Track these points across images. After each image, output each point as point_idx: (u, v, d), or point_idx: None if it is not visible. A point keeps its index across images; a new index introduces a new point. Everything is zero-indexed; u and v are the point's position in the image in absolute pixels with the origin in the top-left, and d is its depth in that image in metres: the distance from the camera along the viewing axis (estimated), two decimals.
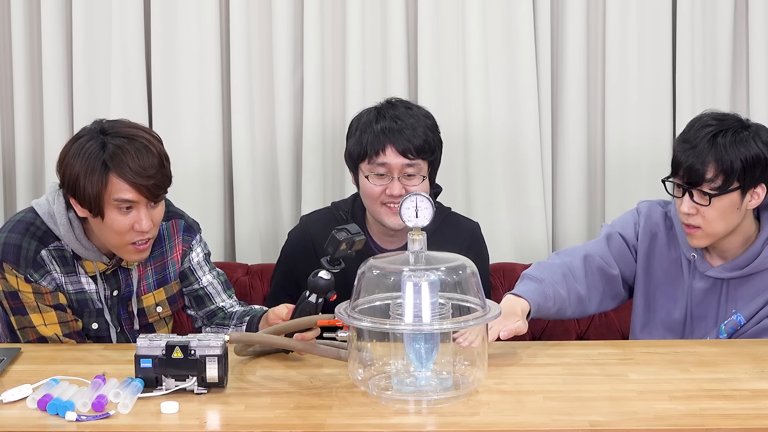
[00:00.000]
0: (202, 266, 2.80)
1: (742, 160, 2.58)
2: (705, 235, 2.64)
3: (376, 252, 2.88)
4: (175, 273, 2.77)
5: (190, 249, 2.79)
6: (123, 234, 2.54)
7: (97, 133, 2.54)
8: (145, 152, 2.51)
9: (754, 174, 2.60)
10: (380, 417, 2.11)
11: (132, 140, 2.52)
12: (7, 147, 3.66)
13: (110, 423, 2.09)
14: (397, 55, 3.54)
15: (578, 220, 3.64)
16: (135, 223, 2.53)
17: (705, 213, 2.61)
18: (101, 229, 2.56)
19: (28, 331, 2.64)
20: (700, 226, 2.63)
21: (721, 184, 2.58)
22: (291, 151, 3.62)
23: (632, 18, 3.54)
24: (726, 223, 2.63)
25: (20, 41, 3.58)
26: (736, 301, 2.71)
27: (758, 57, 3.53)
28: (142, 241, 2.57)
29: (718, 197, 2.59)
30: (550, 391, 2.24)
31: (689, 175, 2.60)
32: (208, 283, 2.80)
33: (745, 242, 2.70)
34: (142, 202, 2.53)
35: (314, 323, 2.44)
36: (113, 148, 2.50)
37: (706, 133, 2.61)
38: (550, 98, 3.60)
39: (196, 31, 3.55)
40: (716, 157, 2.58)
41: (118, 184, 2.50)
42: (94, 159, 2.49)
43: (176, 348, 2.21)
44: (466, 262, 2.23)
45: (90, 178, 2.49)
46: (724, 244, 2.69)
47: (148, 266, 2.73)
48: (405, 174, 2.81)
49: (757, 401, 2.19)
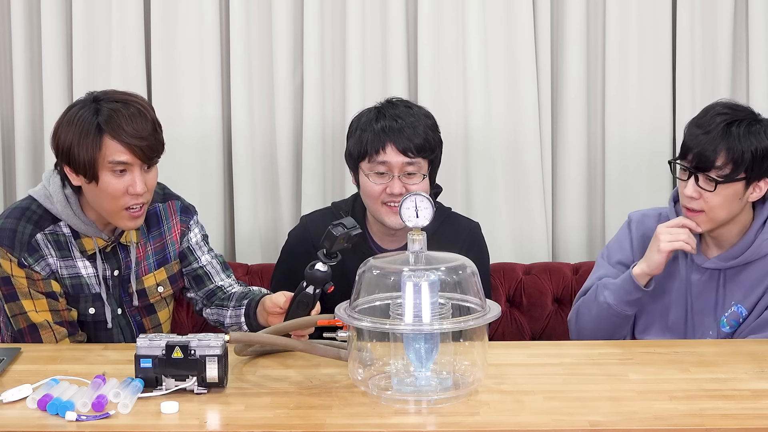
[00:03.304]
0: (201, 246, 2.83)
1: (752, 151, 2.61)
2: (707, 219, 2.67)
3: (376, 252, 2.88)
4: (174, 252, 2.79)
5: (188, 229, 2.82)
6: (118, 198, 2.57)
7: (90, 101, 2.59)
8: (138, 116, 2.56)
9: (762, 167, 2.64)
10: (380, 417, 2.11)
11: (126, 104, 2.57)
12: (7, 146, 3.66)
13: (110, 423, 2.09)
14: (397, 56, 3.54)
15: (578, 221, 3.64)
16: (129, 186, 2.56)
17: (708, 198, 2.64)
18: (96, 195, 2.58)
19: (19, 318, 2.64)
20: (703, 210, 2.66)
21: (729, 173, 2.62)
22: (291, 151, 3.62)
23: (632, 18, 3.54)
24: (727, 211, 2.66)
25: (20, 39, 3.58)
26: (734, 292, 2.73)
27: (758, 56, 3.53)
28: (137, 206, 2.60)
29: (724, 185, 2.62)
30: (550, 391, 2.24)
31: (699, 159, 2.63)
32: (207, 263, 2.82)
33: (740, 231, 2.73)
34: (136, 164, 2.56)
35: (314, 323, 2.44)
36: (108, 111, 2.54)
37: (720, 121, 2.64)
38: (550, 98, 3.60)
39: (196, 31, 3.55)
40: (728, 146, 2.61)
41: (113, 146, 2.53)
42: (89, 123, 2.54)
43: (176, 348, 2.21)
44: (466, 262, 2.23)
45: (84, 141, 2.53)
46: (723, 233, 2.72)
47: (147, 247, 2.75)
48: (405, 173, 2.82)
49: (757, 401, 2.19)
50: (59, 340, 2.64)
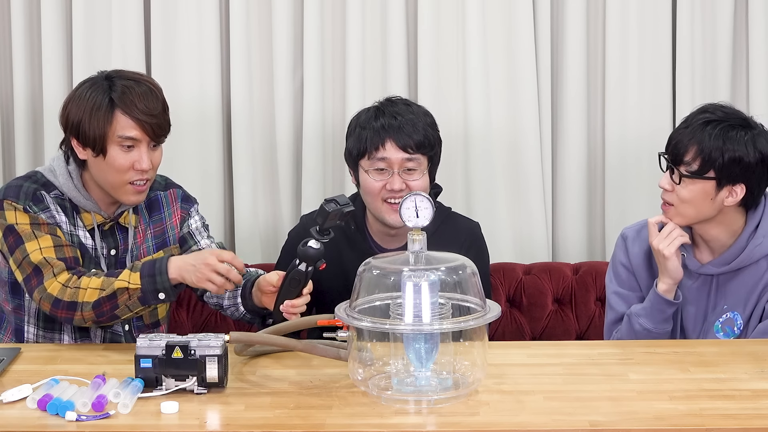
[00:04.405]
0: (201, 232, 2.85)
1: (723, 153, 2.61)
2: (676, 213, 2.69)
3: (376, 252, 2.88)
4: (174, 237, 2.81)
5: (188, 216, 2.84)
6: (123, 172, 2.60)
7: (102, 79, 2.64)
8: (150, 95, 2.62)
9: (733, 171, 2.62)
10: (380, 417, 2.11)
11: (138, 83, 2.64)
12: (7, 138, 3.66)
13: (110, 423, 2.09)
14: (397, 56, 3.54)
15: (578, 220, 3.64)
16: (135, 162, 2.60)
17: (678, 192, 2.67)
18: (101, 169, 2.62)
19: (24, 265, 2.61)
20: (673, 203, 2.68)
21: (696, 169, 2.63)
22: (291, 151, 3.62)
23: (632, 18, 3.54)
24: (696, 210, 2.67)
25: (19, 27, 3.58)
26: (726, 298, 2.73)
27: (758, 57, 3.53)
28: (141, 181, 2.63)
29: (690, 179, 2.64)
30: (550, 391, 2.24)
31: (673, 152, 2.68)
32: (207, 246, 2.83)
33: (732, 236, 2.72)
34: (144, 141, 2.61)
35: (314, 323, 2.44)
36: (121, 87, 2.60)
37: (702, 119, 2.67)
38: (550, 98, 3.60)
39: (196, 31, 3.55)
40: (699, 143, 2.63)
41: (124, 120, 2.58)
42: (102, 98, 2.59)
43: (176, 348, 2.21)
44: (466, 262, 2.23)
45: (96, 115, 2.58)
46: (713, 237, 2.72)
47: (147, 230, 2.77)
48: (405, 169, 2.82)
49: (757, 401, 2.19)
50: (57, 274, 2.57)
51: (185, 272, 2.52)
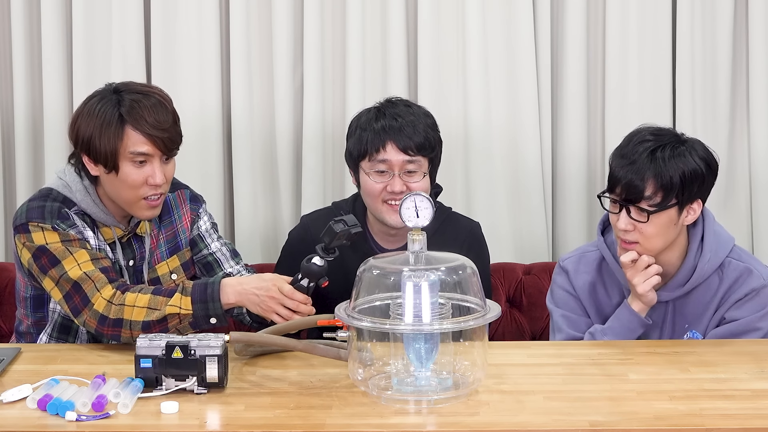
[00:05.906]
0: (210, 234, 2.85)
1: (680, 175, 2.55)
2: (643, 250, 2.61)
3: (376, 252, 2.88)
4: (186, 240, 2.81)
5: (197, 216, 2.84)
6: (137, 188, 2.58)
7: (110, 92, 2.61)
8: (160, 108, 2.59)
9: (692, 189, 2.57)
10: (380, 417, 2.11)
11: (147, 96, 2.59)
12: (6, 142, 3.66)
13: (110, 423, 2.09)
14: (397, 56, 3.54)
15: (578, 220, 3.64)
16: (149, 176, 2.58)
17: (643, 229, 2.58)
18: (114, 185, 2.59)
19: (63, 282, 2.56)
20: (638, 241, 2.60)
21: (660, 201, 2.56)
22: (291, 151, 3.62)
23: (632, 18, 3.54)
24: (664, 239, 2.61)
25: (20, 33, 3.58)
26: (685, 317, 2.70)
27: (758, 57, 3.53)
28: (155, 196, 2.61)
29: (657, 214, 2.57)
30: (550, 391, 2.24)
31: (628, 191, 2.57)
32: (217, 250, 2.84)
33: (680, 256, 2.68)
34: (156, 155, 2.58)
35: (314, 323, 2.44)
36: (130, 102, 2.57)
37: (644, 149, 2.57)
38: (550, 98, 3.60)
39: (196, 32, 3.55)
40: (656, 173, 2.54)
41: (134, 136, 2.56)
42: (111, 113, 2.56)
43: (176, 348, 2.21)
44: (466, 262, 2.23)
45: (106, 132, 2.55)
46: (664, 260, 2.66)
47: (160, 236, 2.77)
48: (406, 170, 2.82)
49: (757, 401, 2.19)
50: (100, 289, 2.54)
51: (247, 301, 2.51)
